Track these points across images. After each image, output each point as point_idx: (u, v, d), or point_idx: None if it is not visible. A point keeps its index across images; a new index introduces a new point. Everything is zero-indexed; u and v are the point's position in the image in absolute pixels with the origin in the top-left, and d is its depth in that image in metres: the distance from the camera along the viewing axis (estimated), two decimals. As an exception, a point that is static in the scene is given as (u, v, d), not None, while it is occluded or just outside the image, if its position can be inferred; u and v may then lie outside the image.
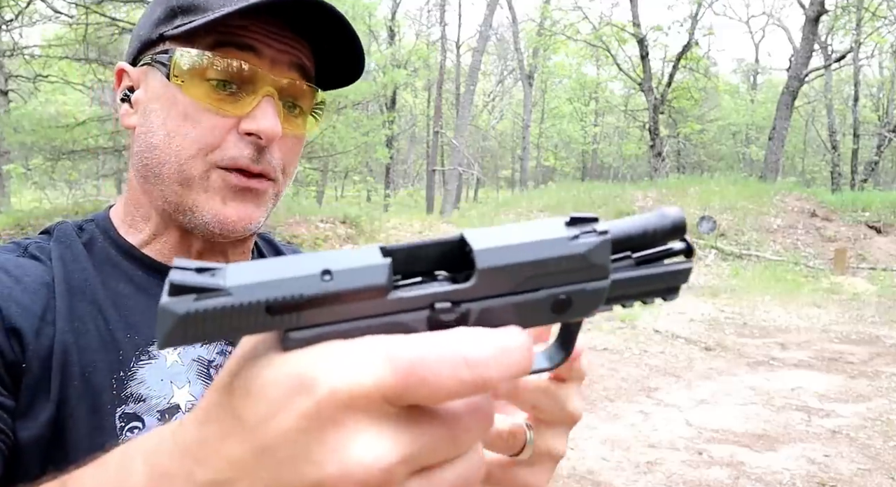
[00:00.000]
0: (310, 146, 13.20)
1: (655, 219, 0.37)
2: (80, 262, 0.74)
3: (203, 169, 0.72)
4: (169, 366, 0.71)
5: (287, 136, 0.75)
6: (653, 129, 22.40)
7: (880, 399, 5.70)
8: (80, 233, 0.78)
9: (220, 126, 0.71)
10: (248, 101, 0.71)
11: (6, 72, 16.33)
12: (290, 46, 0.73)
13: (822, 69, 23.65)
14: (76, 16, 12.22)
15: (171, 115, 0.72)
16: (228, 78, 0.71)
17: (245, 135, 0.71)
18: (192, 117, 0.71)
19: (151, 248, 0.78)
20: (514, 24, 30.05)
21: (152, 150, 0.73)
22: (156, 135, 0.73)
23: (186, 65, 0.71)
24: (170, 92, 0.72)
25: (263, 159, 0.73)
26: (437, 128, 26.89)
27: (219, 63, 0.70)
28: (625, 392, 5.74)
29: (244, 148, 0.72)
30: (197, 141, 0.71)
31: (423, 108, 37.07)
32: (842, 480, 4.11)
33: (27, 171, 15.16)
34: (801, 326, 8.75)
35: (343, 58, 0.78)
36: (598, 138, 40.31)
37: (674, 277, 0.38)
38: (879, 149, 23.64)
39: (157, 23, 0.74)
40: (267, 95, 0.72)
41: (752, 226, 15.17)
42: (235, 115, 0.71)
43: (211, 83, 0.71)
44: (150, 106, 0.74)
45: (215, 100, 0.71)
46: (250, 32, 0.71)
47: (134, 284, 0.76)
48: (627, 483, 4.02)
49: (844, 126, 32.13)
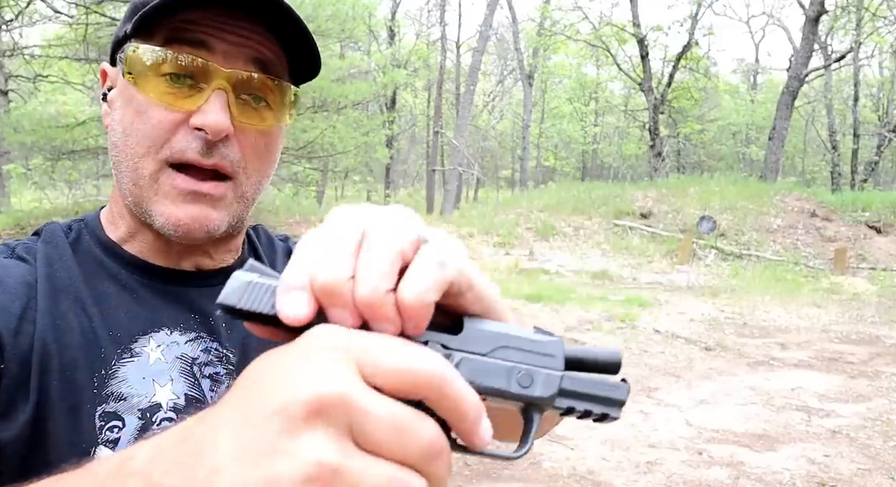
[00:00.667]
0: (310, 146, 13.20)
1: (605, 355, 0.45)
2: (65, 261, 0.74)
3: (154, 168, 0.71)
4: (152, 364, 0.70)
5: (247, 131, 0.73)
6: (653, 129, 22.40)
7: (880, 399, 5.70)
8: (69, 232, 0.78)
9: (169, 120, 0.70)
10: (200, 96, 0.70)
11: (6, 72, 16.33)
12: (246, 39, 0.71)
13: (822, 69, 23.66)
14: (76, 16, 12.22)
15: (127, 113, 0.72)
16: (180, 72, 0.69)
17: (195, 130, 0.70)
18: (143, 113, 0.70)
19: (132, 246, 0.78)
20: (514, 24, 30.04)
21: (114, 149, 0.73)
22: (115, 132, 0.73)
23: (137, 60, 0.70)
24: (128, 90, 0.72)
25: (216, 153, 0.71)
26: (437, 128, 26.89)
27: (169, 57, 0.69)
28: (625, 392, 5.73)
29: (192, 141, 0.70)
30: (147, 136, 0.70)
31: (423, 108, 37.06)
32: (842, 480, 4.11)
33: (27, 171, 15.16)
34: (801, 326, 8.75)
35: (301, 54, 0.75)
36: (598, 138, 40.30)
37: (613, 392, 0.44)
38: (879, 149, 23.64)
39: (124, 20, 0.74)
40: (218, 89, 0.70)
41: (752, 226, 15.17)
42: (186, 110, 0.70)
43: (164, 78, 0.69)
44: (115, 104, 0.75)
45: (166, 94, 0.70)
46: (203, 26, 0.69)
47: (118, 282, 0.75)
48: (627, 483, 4.02)
49: (844, 126, 32.12)
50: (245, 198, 0.75)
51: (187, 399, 0.70)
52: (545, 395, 0.41)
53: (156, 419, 0.69)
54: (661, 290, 11.03)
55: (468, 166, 27.12)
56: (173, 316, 0.74)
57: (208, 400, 0.73)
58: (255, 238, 0.90)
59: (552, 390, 0.41)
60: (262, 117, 0.74)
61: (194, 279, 0.79)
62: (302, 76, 0.79)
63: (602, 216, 16.13)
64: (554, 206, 16.98)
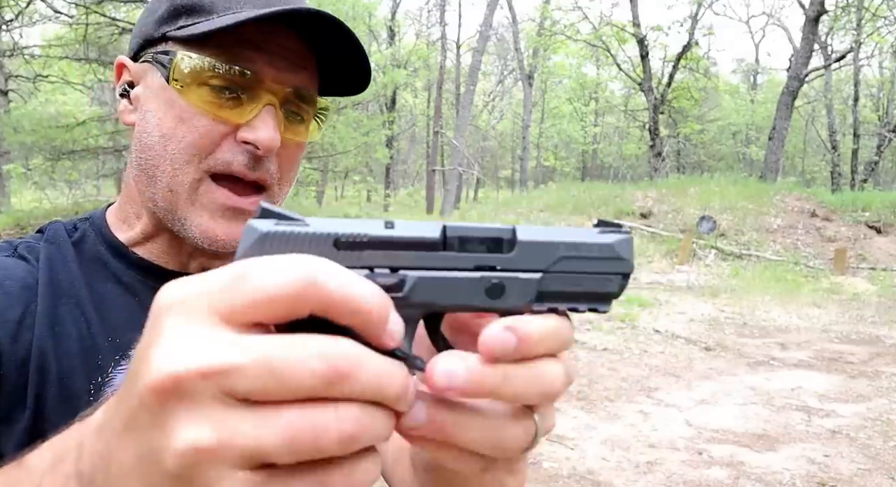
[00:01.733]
0: (310, 146, 13.14)
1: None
2: (68, 263, 0.73)
3: (195, 176, 0.70)
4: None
5: (287, 145, 0.74)
6: (653, 129, 22.40)
7: (880, 399, 5.70)
8: (73, 231, 0.77)
9: (216, 131, 0.70)
10: (248, 110, 0.70)
11: (6, 72, 16.33)
12: (295, 55, 0.72)
13: (822, 69, 23.65)
14: (76, 16, 12.21)
15: (167, 117, 0.70)
16: (229, 85, 0.70)
17: (242, 144, 0.70)
18: (188, 121, 0.70)
19: (143, 249, 0.77)
20: (514, 24, 30.05)
21: (147, 151, 0.72)
22: (151, 135, 0.71)
23: (187, 69, 0.69)
24: (168, 94, 0.71)
25: (261, 167, 0.72)
26: (437, 128, 26.89)
27: (221, 70, 0.69)
28: (625, 392, 5.73)
29: (239, 154, 0.70)
30: (192, 145, 0.70)
31: (423, 108, 37.07)
32: (842, 480, 4.11)
33: (27, 171, 15.17)
34: (801, 326, 8.75)
35: (350, 69, 0.77)
36: (598, 138, 40.30)
37: (601, 284, 0.40)
38: (879, 149, 23.64)
39: (160, 21, 0.73)
40: (268, 104, 0.70)
41: (752, 226, 15.17)
42: (234, 122, 0.70)
43: (211, 88, 0.69)
44: (148, 105, 0.73)
45: (214, 105, 0.69)
46: (255, 41, 0.70)
47: (122, 284, 0.74)
48: (627, 483, 4.02)
49: (844, 126, 32.12)
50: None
51: None
52: (518, 305, 0.37)
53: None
54: (661, 290, 11.03)
55: (468, 166, 27.12)
56: None
57: None
58: None
59: (529, 297, 0.37)
60: (300, 131, 0.75)
61: None
62: (350, 89, 0.80)
63: (602, 216, 16.14)
64: (554, 206, 16.98)
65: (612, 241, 0.38)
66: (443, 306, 0.37)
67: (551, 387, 0.36)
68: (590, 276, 0.38)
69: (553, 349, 0.37)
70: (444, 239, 0.37)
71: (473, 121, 32.52)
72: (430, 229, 0.37)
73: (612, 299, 0.39)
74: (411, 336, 0.37)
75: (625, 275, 0.39)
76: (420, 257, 0.36)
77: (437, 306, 0.37)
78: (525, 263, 0.37)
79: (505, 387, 0.35)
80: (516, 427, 0.38)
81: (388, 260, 0.36)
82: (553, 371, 0.36)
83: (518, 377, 0.35)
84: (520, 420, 0.38)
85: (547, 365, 0.36)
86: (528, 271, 0.37)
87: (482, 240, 0.37)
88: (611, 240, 0.38)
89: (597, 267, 0.38)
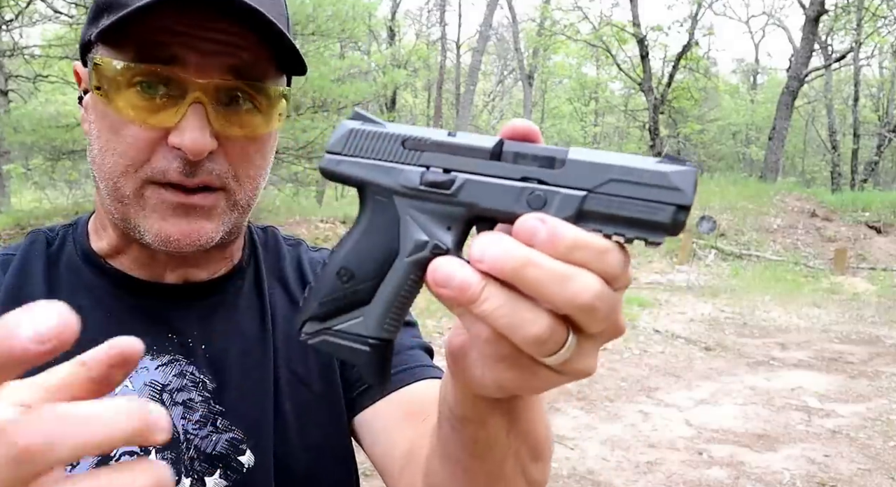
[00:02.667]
0: (310, 146, 13.18)
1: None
2: (36, 276, 0.71)
3: (135, 186, 0.67)
4: (117, 391, 0.65)
5: (234, 139, 0.68)
6: (653, 129, 22.40)
7: (880, 399, 5.70)
8: (54, 239, 0.76)
9: (145, 139, 0.65)
10: (175, 111, 0.64)
11: (6, 72, 16.33)
12: (223, 44, 0.65)
13: (822, 69, 23.64)
14: (76, 16, 12.23)
15: (102, 129, 0.67)
16: (153, 81, 0.64)
17: (174, 149, 0.65)
18: (118, 131, 0.65)
19: (117, 261, 0.75)
20: (514, 24, 30.04)
21: (94, 165, 0.69)
22: (93, 149, 0.69)
23: (108, 74, 0.64)
24: (99, 102, 0.67)
25: (200, 170, 0.66)
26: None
27: (139, 72, 0.64)
28: (625, 392, 5.73)
29: (173, 160, 0.65)
30: (124, 156, 0.66)
31: (423, 108, 37.04)
32: (842, 480, 4.11)
33: (27, 171, 15.17)
34: (801, 326, 8.75)
35: (284, 47, 0.68)
36: (598, 138, 40.30)
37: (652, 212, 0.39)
38: (879, 149, 23.64)
39: (88, 21, 0.69)
40: (194, 103, 0.64)
41: (752, 226, 15.17)
42: (163, 127, 0.65)
43: (135, 91, 0.64)
44: (89, 115, 0.70)
45: (141, 110, 0.65)
46: (175, 33, 0.63)
47: (93, 297, 0.72)
48: (627, 483, 4.02)
49: (844, 126, 32.10)
50: (239, 205, 0.71)
51: None
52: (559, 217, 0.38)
53: (115, 453, 0.65)
54: (661, 290, 11.02)
55: (468, 166, 27.09)
56: (147, 339, 0.73)
57: (178, 428, 0.69)
58: (258, 242, 0.86)
59: (568, 212, 0.38)
60: (248, 123, 0.68)
61: (178, 294, 0.75)
62: (293, 70, 0.74)
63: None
64: (554, 206, 16.97)
65: (667, 170, 0.37)
66: (485, 209, 0.40)
67: (578, 295, 0.35)
68: (638, 202, 0.37)
69: (592, 263, 0.36)
70: (500, 150, 0.40)
71: (473, 121, 32.52)
72: (487, 140, 0.41)
73: (664, 231, 0.38)
74: (456, 231, 0.41)
75: (679, 207, 0.37)
76: (473, 163, 0.40)
77: (480, 208, 0.40)
78: (571, 181, 0.38)
79: (529, 269, 0.35)
80: (546, 320, 0.36)
81: (444, 162, 0.41)
82: (584, 279, 0.35)
83: (543, 266, 0.35)
84: (552, 319, 0.37)
85: (578, 271, 0.36)
86: (573, 189, 0.38)
87: (535, 157, 0.39)
88: (667, 169, 0.37)
89: (647, 193, 0.37)
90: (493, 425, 0.50)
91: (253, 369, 0.75)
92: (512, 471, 0.55)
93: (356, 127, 0.43)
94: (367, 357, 0.42)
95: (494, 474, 0.54)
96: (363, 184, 0.43)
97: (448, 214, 0.41)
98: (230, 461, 0.71)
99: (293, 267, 0.85)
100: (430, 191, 0.41)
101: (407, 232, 0.41)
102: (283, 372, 0.77)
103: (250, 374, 0.75)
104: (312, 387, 0.78)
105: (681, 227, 0.38)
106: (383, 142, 0.42)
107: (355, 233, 0.44)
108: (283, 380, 0.76)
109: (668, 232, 0.38)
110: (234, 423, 0.72)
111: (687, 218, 0.38)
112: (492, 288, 0.36)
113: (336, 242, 0.48)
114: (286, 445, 0.74)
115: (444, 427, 0.55)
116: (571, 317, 0.37)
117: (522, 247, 0.36)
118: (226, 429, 0.72)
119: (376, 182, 0.42)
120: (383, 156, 0.42)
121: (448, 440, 0.55)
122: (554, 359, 0.38)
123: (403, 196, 0.42)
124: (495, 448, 0.52)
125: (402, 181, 0.42)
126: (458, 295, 0.36)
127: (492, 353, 0.40)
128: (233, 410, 0.73)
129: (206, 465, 0.69)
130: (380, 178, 0.42)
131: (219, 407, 0.72)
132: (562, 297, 0.35)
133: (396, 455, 0.72)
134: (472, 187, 0.40)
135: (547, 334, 0.36)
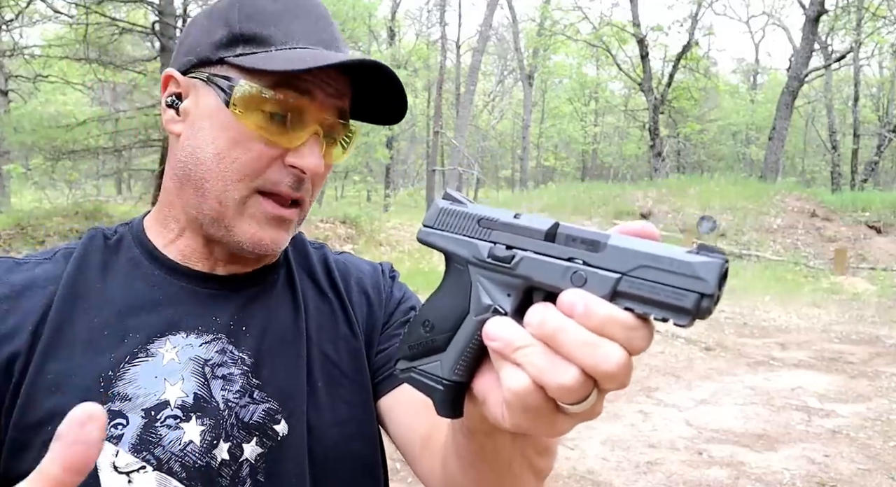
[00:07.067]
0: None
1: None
2: (91, 266, 0.80)
3: (244, 193, 0.77)
4: (165, 364, 0.76)
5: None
6: (653, 129, 22.40)
7: (880, 399, 5.70)
8: (113, 235, 0.86)
9: (267, 155, 0.77)
10: (296, 136, 0.77)
11: (6, 72, 16.33)
12: (339, 85, 0.80)
13: (822, 69, 23.64)
14: (76, 16, 12.22)
15: (221, 138, 0.77)
16: (282, 111, 0.76)
17: (290, 167, 0.78)
18: (242, 144, 0.76)
19: (174, 248, 0.84)
20: (514, 24, 30.05)
21: (198, 165, 0.78)
22: (204, 151, 0.77)
23: (247, 96, 0.75)
24: (224, 115, 0.76)
25: (302, 188, 0.79)
26: (437, 128, 26.86)
27: (278, 100, 0.75)
28: (625, 392, 5.73)
29: (286, 176, 0.78)
30: (245, 166, 0.77)
31: (423, 108, 37.02)
32: (842, 480, 4.11)
33: (27, 171, 15.14)
34: (801, 326, 8.75)
35: (388, 104, 0.85)
36: (598, 138, 40.27)
37: (677, 298, 0.42)
38: (879, 149, 23.63)
39: (218, 45, 0.78)
40: (315, 134, 0.78)
41: (752, 226, 15.17)
42: (283, 147, 0.77)
43: (264, 114, 0.76)
44: (201, 122, 0.78)
45: (267, 131, 0.76)
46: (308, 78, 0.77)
47: (150, 283, 0.81)
48: (627, 483, 4.02)
49: (844, 126, 32.11)
50: (303, 220, 0.86)
51: (195, 397, 0.75)
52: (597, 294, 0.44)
53: (161, 416, 0.73)
54: (661, 290, 11.01)
55: (468, 166, 27.11)
56: (194, 320, 0.80)
57: (217, 398, 0.77)
58: (289, 245, 0.95)
59: (605, 290, 0.43)
60: (336, 155, 0.84)
61: (225, 284, 0.85)
62: (391, 118, 0.89)
63: (602, 216, 16.13)
64: (554, 206, 16.98)
65: (692, 260, 0.41)
66: (537, 281, 0.47)
67: (602, 362, 0.42)
68: (666, 287, 0.41)
69: (618, 337, 0.42)
70: (555, 232, 0.47)
71: (473, 121, 32.51)
72: (544, 223, 0.48)
73: (688, 315, 0.41)
74: (515, 298, 0.48)
75: (702, 295, 0.40)
76: (530, 243, 0.48)
77: (533, 281, 0.47)
78: (608, 263, 0.44)
79: (562, 335, 0.42)
80: (577, 373, 0.43)
81: (508, 240, 0.49)
82: (609, 350, 0.42)
83: (576, 333, 0.42)
84: (581, 374, 0.43)
85: (605, 342, 0.42)
86: (608, 270, 0.44)
87: (583, 241, 0.46)
88: (692, 260, 0.41)
89: (673, 280, 0.41)
90: (500, 437, 0.59)
91: (287, 349, 0.84)
92: (519, 468, 0.63)
93: (446, 206, 0.53)
94: (441, 394, 0.52)
95: (502, 472, 0.63)
96: (447, 254, 0.53)
97: (508, 283, 0.49)
98: (266, 429, 0.79)
99: (321, 264, 0.96)
100: (495, 263, 0.49)
101: (476, 295, 0.50)
102: (315, 352, 0.86)
103: (284, 353, 0.83)
104: (342, 367, 0.87)
105: (706, 313, 0.41)
106: (464, 220, 0.52)
107: (439, 292, 0.54)
108: (315, 360, 0.86)
109: (693, 316, 0.41)
110: (270, 395, 0.80)
111: (711, 305, 0.41)
112: (537, 346, 0.44)
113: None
114: (318, 418, 0.82)
115: (454, 432, 0.65)
116: (595, 378, 0.43)
117: (562, 317, 0.43)
118: (262, 400, 0.80)
119: (456, 253, 0.52)
120: (463, 232, 0.52)
121: (458, 443, 0.65)
122: (578, 408, 0.45)
123: (475, 266, 0.51)
124: (502, 452, 0.61)
125: (474, 253, 0.51)
126: (503, 347, 0.45)
127: (519, 404, 0.46)
128: (269, 384, 0.81)
129: (245, 432, 0.77)
130: (459, 250, 0.52)
131: (256, 381, 0.80)
132: (589, 362, 0.42)
133: (416, 437, 0.82)
134: (528, 263, 0.47)
135: (577, 385, 0.43)
